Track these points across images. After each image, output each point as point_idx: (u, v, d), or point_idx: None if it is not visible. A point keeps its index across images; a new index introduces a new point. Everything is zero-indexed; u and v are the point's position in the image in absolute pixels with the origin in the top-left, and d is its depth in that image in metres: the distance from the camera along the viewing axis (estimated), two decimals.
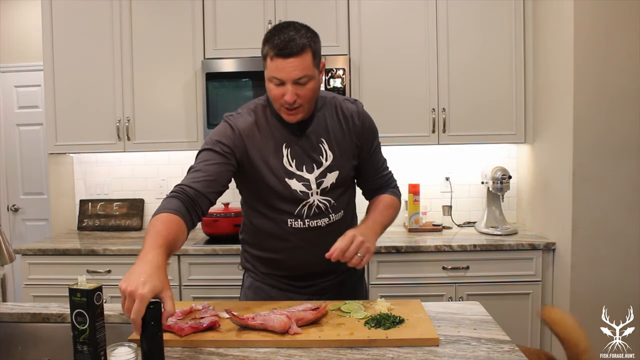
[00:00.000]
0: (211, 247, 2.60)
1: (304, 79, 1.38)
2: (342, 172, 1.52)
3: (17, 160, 3.94)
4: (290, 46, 1.35)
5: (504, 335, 1.28)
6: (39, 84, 3.53)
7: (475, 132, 2.82)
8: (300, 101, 1.40)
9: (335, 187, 1.52)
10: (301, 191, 1.49)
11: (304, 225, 1.52)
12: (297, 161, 1.49)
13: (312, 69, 1.39)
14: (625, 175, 2.30)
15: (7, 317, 1.48)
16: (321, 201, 1.51)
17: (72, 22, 2.92)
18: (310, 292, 1.61)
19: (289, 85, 1.38)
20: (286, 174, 1.48)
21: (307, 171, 1.49)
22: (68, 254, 2.66)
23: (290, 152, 1.49)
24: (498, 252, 2.54)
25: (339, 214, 1.56)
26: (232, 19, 2.85)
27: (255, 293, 1.65)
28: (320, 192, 1.51)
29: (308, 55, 1.38)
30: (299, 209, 1.50)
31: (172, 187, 1.41)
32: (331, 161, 1.51)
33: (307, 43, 1.38)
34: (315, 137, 1.50)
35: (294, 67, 1.36)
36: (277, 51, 1.36)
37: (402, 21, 2.82)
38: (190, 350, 1.22)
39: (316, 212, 1.52)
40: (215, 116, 2.80)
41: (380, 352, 1.19)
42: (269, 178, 1.48)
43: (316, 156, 1.50)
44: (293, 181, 1.48)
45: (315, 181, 1.49)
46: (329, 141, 1.51)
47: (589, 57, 2.29)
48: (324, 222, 1.53)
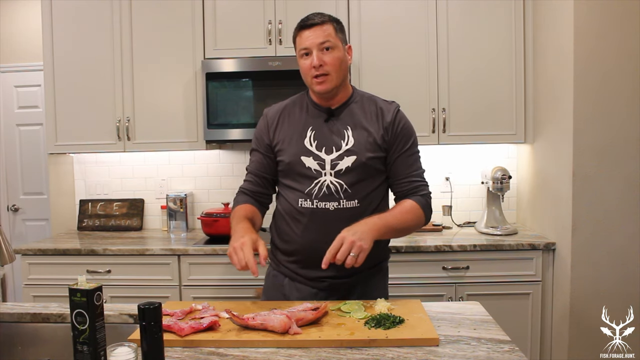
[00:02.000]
0: (211, 247, 2.60)
1: (327, 44, 1.53)
2: (360, 157, 1.56)
3: (17, 160, 3.95)
4: (311, 18, 1.55)
5: (504, 335, 1.28)
6: (39, 84, 3.53)
7: (475, 132, 2.82)
8: (326, 68, 1.53)
9: (350, 171, 1.56)
10: (315, 169, 1.56)
11: (312, 206, 1.57)
12: (319, 142, 1.58)
13: (334, 37, 1.55)
14: (625, 175, 2.30)
15: (7, 317, 1.48)
16: (333, 182, 1.56)
17: (72, 22, 2.92)
18: (320, 287, 1.61)
19: (314, 51, 1.53)
20: (304, 152, 1.58)
21: (325, 152, 1.57)
22: (68, 254, 2.66)
23: (314, 134, 1.59)
24: (498, 252, 2.54)
25: (351, 202, 1.56)
26: (232, 19, 2.85)
27: (271, 281, 1.72)
28: (334, 173, 1.56)
29: (330, 26, 1.55)
30: (310, 187, 1.57)
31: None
32: (351, 146, 1.57)
33: (329, 18, 1.56)
34: (342, 124, 1.60)
35: (317, 34, 1.52)
36: (300, 26, 1.56)
37: (402, 21, 2.82)
38: (190, 350, 1.22)
39: (326, 192, 1.56)
40: (215, 116, 2.80)
41: (380, 352, 1.19)
42: (286, 154, 1.60)
43: (338, 140, 1.58)
44: (309, 159, 1.57)
45: (331, 162, 1.56)
46: (355, 129, 1.59)
47: (589, 57, 2.29)
48: (332, 205, 1.56)
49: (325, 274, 1.57)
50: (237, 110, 2.81)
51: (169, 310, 1.42)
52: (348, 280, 1.62)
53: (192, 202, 3.19)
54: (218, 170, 3.21)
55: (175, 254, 2.62)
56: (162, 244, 2.71)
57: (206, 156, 3.20)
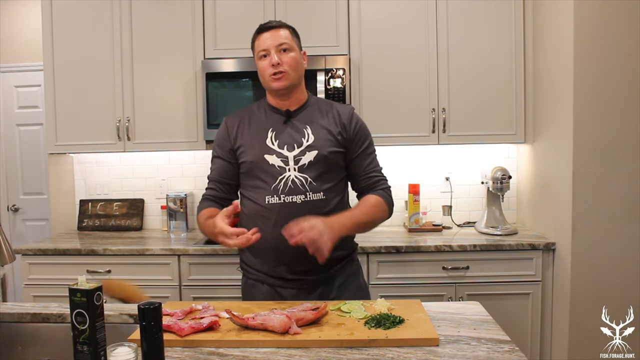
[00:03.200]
0: (211, 247, 2.60)
1: (285, 45, 1.63)
2: (321, 151, 1.63)
3: (17, 160, 3.95)
4: (269, 23, 1.66)
5: (504, 335, 1.28)
6: (39, 84, 3.53)
7: (475, 132, 2.82)
8: (284, 67, 1.62)
9: (313, 165, 1.62)
10: (278, 166, 1.62)
11: (280, 201, 1.61)
12: (280, 141, 1.65)
13: (291, 40, 1.66)
14: (625, 175, 2.30)
15: (7, 317, 1.48)
16: (297, 177, 1.62)
17: (72, 22, 2.92)
18: (298, 285, 1.64)
19: (272, 51, 1.62)
20: (266, 150, 1.64)
21: (287, 149, 1.64)
22: (68, 254, 2.66)
23: (275, 135, 1.66)
24: (498, 252, 2.54)
25: (317, 194, 1.62)
26: (232, 19, 2.85)
27: (249, 291, 1.72)
28: (297, 168, 1.62)
29: (286, 31, 1.66)
30: (276, 183, 1.62)
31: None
32: (312, 142, 1.64)
33: (285, 24, 1.67)
34: (301, 123, 1.68)
35: (275, 37, 1.63)
36: (259, 30, 1.66)
37: (402, 21, 2.82)
38: (190, 350, 1.22)
39: (292, 187, 1.61)
40: (215, 116, 2.80)
41: (380, 352, 1.19)
42: (249, 155, 1.66)
43: (298, 138, 1.65)
44: (272, 157, 1.63)
45: (294, 158, 1.62)
46: (313, 127, 1.67)
47: (589, 57, 2.29)
48: (299, 198, 1.61)
49: (297, 269, 1.62)
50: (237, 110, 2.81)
51: (169, 310, 1.42)
52: (325, 275, 1.66)
53: (192, 202, 3.19)
54: None
55: (175, 254, 2.62)
56: (162, 244, 2.71)
57: (206, 156, 3.19)
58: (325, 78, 2.72)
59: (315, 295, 1.64)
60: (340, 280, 1.69)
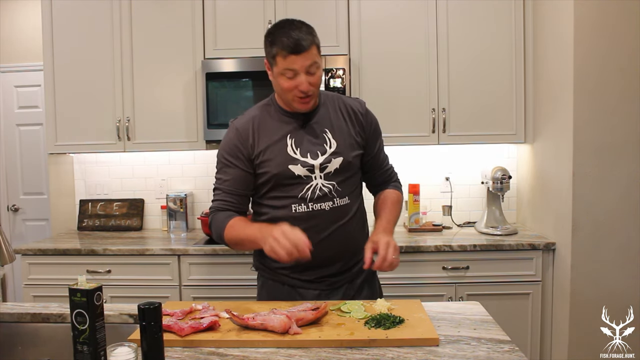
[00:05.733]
0: (211, 247, 2.60)
1: (314, 68, 1.54)
2: (346, 158, 1.61)
3: (17, 160, 3.95)
4: (300, 44, 1.51)
5: (504, 335, 1.28)
6: (39, 84, 3.53)
7: (475, 132, 2.82)
8: (312, 89, 1.54)
9: (339, 172, 1.60)
10: (305, 176, 1.57)
11: (308, 209, 1.58)
12: (302, 149, 1.58)
13: (318, 57, 1.57)
14: (625, 175, 2.30)
15: (7, 317, 1.48)
16: (325, 185, 1.59)
17: (72, 22, 2.92)
18: (321, 287, 1.62)
19: (302, 75, 1.52)
20: (289, 160, 1.57)
21: (311, 158, 1.58)
22: (68, 254, 2.66)
23: (294, 142, 1.59)
24: (498, 252, 2.54)
25: (343, 200, 1.61)
26: (232, 19, 2.85)
27: (269, 292, 1.69)
28: (324, 176, 1.58)
29: (314, 48, 1.55)
30: (303, 192, 1.57)
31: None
32: (335, 148, 1.60)
33: (312, 39, 1.55)
34: (318, 127, 1.62)
35: (306, 59, 1.52)
36: (289, 50, 1.51)
37: (402, 21, 2.82)
38: (190, 350, 1.22)
39: (320, 195, 1.58)
40: (215, 116, 2.80)
41: (380, 352, 1.19)
42: (271, 166, 1.58)
43: (320, 144, 1.60)
44: (297, 167, 1.57)
45: (320, 166, 1.58)
46: (332, 131, 1.62)
47: (589, 57, 2.29)
48: (327, 205, 1.58)
49: (325, 272, 1.61)
50: (237, 110, 2.80)
51: (169, 310, 1.42)
52: (348, 275, 1.65)
53: (192, 202, 3.19)
54: None
55: (175, 254, 2.62)
56: (162, 244, 2.71)
57: (206, 156, 3.20)
58: (325, 78, 2.72)
59: (337, 296, 1.63)
60: (361, 278, 1.69)
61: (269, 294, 1.68)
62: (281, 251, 1.35)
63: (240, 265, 2.59)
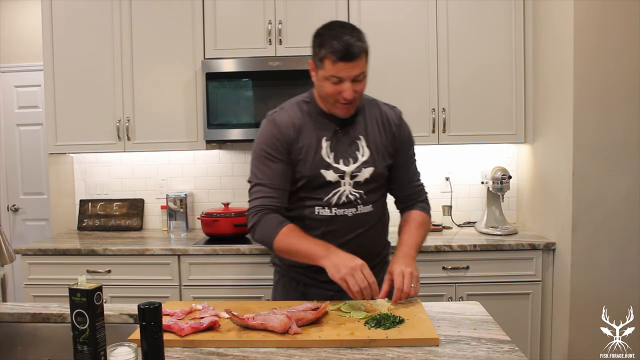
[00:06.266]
0: (211, 247, 2.60)
1: (361, 76, 1.52)
2: (377, 168, 1.61)
3: (17, 160, 3.95)
4: (352, 52, 1.47)
5: (504, 335, 1.28)
6: (39, 84, 3.53)
7: (475, 132, 2.82)
8: (355, 96, 1.53)
9: (368, 182, 1.60)
10: (335, 181, 1.57)
11: (331, 213, 1.58)
12: (336, 154, 1.58)
13: (366, 66, 1.54)
14: (625, 175, 2.30)
15: (7, 317, 1.48)
16: (352, 192, 1.59)
17: (72, 22, 2.92)
18: (337, 287, 1.57)
19: (347, 82, 1.50)
20: (323, 165, 1.57)
21: (344, 164, 1.58)
22: (68, 254, 2.66)
23: (330, 145, 1.58)
24: (498, 252, 2.54)
25: (367, 207, 1.61)
26: (232, 19, 2.85)
27: (284, 288, 1.69)
28: (353, 184, 1.58)
29: (364, 57, 1.52)
30: (329, 197, 1.58)
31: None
32: (367, 157, 1.60)
33: (363, 47, 1.51)
34: (354, 133, 1.61)
35: (353, 68, 1.49)
36: (339, 56, 1.47)
37: (402, 21, 2.82)
38: (190, 350, 1.22)
39: (345, 202, 1.58)
40: (215, 116, 2.80)
41: (380, 352, 1.19)
42: (305, 168, 1.57)
43: (353, 151, 1.59)
44: (329, 172, 1.57)
45: (350, 174, 1.58)
46: (367, 139, 1.61)
47: (589, 57, 2.29)
48: (350, 212, 1.59)
49: None
50: (237, 110, 2.81)
51: (169, 310, 1.42)
52: None
53: (192, 202, 3.19)
54: (218, 170, 3.21)
55: (175, 254, 2.62)
56: (162, 244, 2.71)
57: (206, 156, 3.20)
58: None
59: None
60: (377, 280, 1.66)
61: (284, 290, 1.69)
62: (355, 286, 1.38)
63: (240, 265, 2.59)
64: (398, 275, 1.47)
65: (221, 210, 2.82)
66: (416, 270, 1.51)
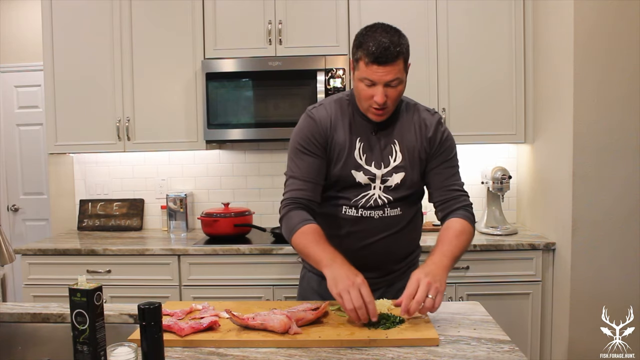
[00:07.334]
0: (211, 247, 2.60)
1: (395, 82, 1.47)
2: (407, 174, 1.57)
3: (17, 160, 3.95)
4: (385, 55, 1.42)
5: (504, 335, 1.28)
6: (39, 84, 3.53)
7: (475, 132, 2.82)
8: (388, 102, 1.48)
9: (399, 187, 1.57)
10: (365, 183, 1.55)
11: (357, 214, 1.57)
12: (368, 156, 1.56)
13: (402, 73, 1.49)
14: (625, 175, 2.30)
15: (7, 317, 1.48)
16: (381, 196, 1.57)
17: (72, 22, 2.92)
18: None
19: (380, 86, 1.46)
20: (354, 165, 1.55)
21: (375, 167, 1.56)
22: (68, 254, 2.66)
23: (363, 147, 1.56)
24: (498, 252, 2.54)
25: (394, 210, 1.58)
26: (232, 19, 2.85)
27: (308, 284, 1.71)
28: (383, 188, 1.56)
29: (400, 62, 1.47)
30: (357, 198, 1.56)
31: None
32: (399, 162, 1.57)
33: (401, 51, 1.46)
34: (389, 137, 1.58)
35: (387, 72, 1.44)
36: (372, 58, 1.43)
37: (402, 21, 2.78)
38: (190, 350, 1.22)
39: (372, 205, 1.56)
40: (215, 116, 2.80)
41: (380, 352, 1.19)
42: (337, 167, 1.56)
43: (386, 155, 1.57)
44: (360, 174, 1.55)
45: (381, 177, 1.56)
46: (401, 143, 1.58)
47: (589, 57, 2.29)
48: (377, 214, 1.57)
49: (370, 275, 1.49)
50: (237, 110, 2.81)
51: (169, 310, 1.42)
52: (388, 278, 1.64)
53: (192, 202, 3.19)
54: (218, 170, 3.21)
55: (175, 254, 2.62)
56: (162, 244, 2.71)
57: (206, 156, 3.20)
58: (325, 78, 2.72)
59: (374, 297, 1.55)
60: (401, 284, 1.57)
61: (309, 285, 1.70)
62: (350, 304, 1.27)
63: (240, 265, 2.59)
64: (412, 283, 1.33)
65: (221, 210, 2.82)
66: (438, 282, 1.32)
